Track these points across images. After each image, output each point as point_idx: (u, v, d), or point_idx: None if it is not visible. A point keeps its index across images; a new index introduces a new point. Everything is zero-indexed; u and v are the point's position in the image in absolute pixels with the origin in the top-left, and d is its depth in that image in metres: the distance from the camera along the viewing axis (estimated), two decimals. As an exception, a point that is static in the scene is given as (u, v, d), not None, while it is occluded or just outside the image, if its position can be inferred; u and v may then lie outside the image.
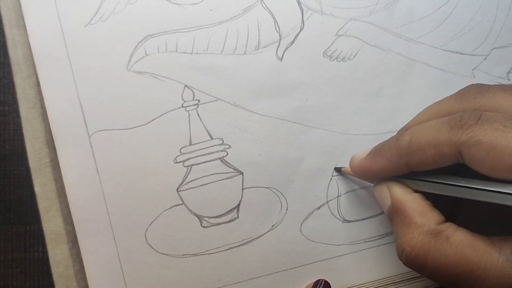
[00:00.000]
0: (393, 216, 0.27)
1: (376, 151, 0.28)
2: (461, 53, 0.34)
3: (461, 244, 0.24)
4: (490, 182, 0.23)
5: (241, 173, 0.33)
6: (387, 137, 0.33)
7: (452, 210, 0.28)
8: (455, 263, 0.24)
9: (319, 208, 0.33)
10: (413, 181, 0.27)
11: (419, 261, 0.25)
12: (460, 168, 0.24)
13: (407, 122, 0.30)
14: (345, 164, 0.33)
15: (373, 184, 0.30)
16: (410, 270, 0.33)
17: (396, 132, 0.31)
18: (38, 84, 0.32)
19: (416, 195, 0.27)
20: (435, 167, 0.25)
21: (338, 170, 0.33)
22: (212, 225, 0.33)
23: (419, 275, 0.33)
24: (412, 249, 0.25)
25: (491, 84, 0.26)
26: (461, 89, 0.27)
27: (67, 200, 0.32)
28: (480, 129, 0.23)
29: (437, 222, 0.25)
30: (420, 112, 0.28)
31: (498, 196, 0.23)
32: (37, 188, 0.32)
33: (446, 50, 0.34)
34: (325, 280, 0.32)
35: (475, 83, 0.27)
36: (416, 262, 0.25)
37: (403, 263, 0.26)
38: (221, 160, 0.33)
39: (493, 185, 0.23)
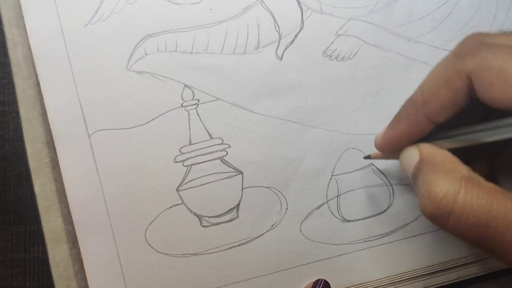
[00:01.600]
0: (421, 168, 0.26)
1: (394, 119, 0.28)
2: (461, 53, 0.35)
3: (493, 190, 0.23)
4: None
5: (241, 172, 0.33)
6: (387, 136, 0.33)
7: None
8: (487, 205, 0.22)
9: (318, 207, 0.34)
10: (441, 140, 0.26)
11: (448, 202, 0.23)
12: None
13: None
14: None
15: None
16: (410, 269, 0.33)
17: None
18: (38, 84, 0.33)
19: (446, 151, 0.26)
20: (455, 110, 0.25)
21: (367, 158, 0.33)
22: (212, 225, 0.33)
23: (418, 274, 0.34)
24: (440, 189, 0.23)
25: (490, 33, 0.26)
26: (459, 45, 0.26)
27: (67, 200, 0.32)
28: (488, 54, 0.23)
29: (468, 170, 0.24)
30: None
31: None
32: (37, 188, 0.33)
33: (446, 50, 0.35)
34: (324, 280, 0.33)
35: (474, 35, 0.26)
36: (444, 205, 0.23)
37: (428, 211, 0.24)
38: (221, 159, 0.33)
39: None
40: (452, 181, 0.23)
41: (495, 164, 0.30)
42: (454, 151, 0.26)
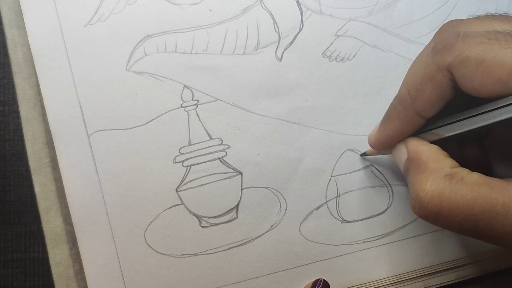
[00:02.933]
0: (409, 167, 0.27)
1: (385, 118, 0.29)
2: (460, 54, 0.35)
3: (476, 183, 0.24)
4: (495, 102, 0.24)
5: (240, 173, 0.34)
6: (386, 137, 0.33)
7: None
8: (472, 202, 0.23)
9: (318, 208, 0.34)
10: (430, 132, 0.28)
11: (434, 205, 0.24)
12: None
13: None
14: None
15: None
16: (409, 270, 0.34)
17: None
18: (38, 84, 0.33)
19: (432, 145, 0.27)
20: (443, 103, 0.26)
21: (363, 155, 0.34)
22: (211, 225, 0.34)
23: (418, 275, 0.34)
24: (426, 193, 0.25)
25: (464, 20, 0.26)
26: (436, 38, 0.27)
27: (67, 201, 0.33)
28: (464, 46, 0.24)
29: (451, 166, 0.25)
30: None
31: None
32: (37, 189, 0.33)
33: None
34: (324, 280, 0.33)
35: (448, 24, 0.27)
36: (430, 207, 0.25)
37: (417, 213, 0.26)
38: (220, 160, 0.34)
39: (499, 103, 0.23)
40: (436, 181, 0.25)
41: (486, 143, 0.31)
42: (444, 140, 0.27)
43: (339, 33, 0.35)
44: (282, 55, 0.34)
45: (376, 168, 0.35)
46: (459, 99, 0.26)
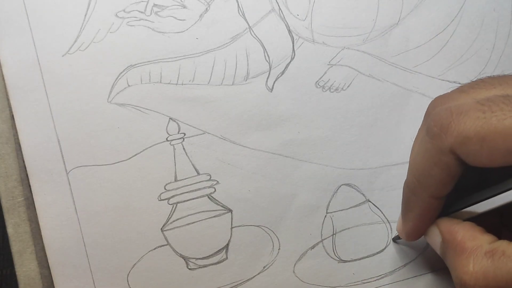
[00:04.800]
0: (446, 250, 0.27)
1: (403, 211, 0.30)
2: (459, 83, 0.35)
3: None
4: None
5: (230, 210, 0.33)
6: (383, 171, 0.34)
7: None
8: None
9: (313, 247, 0.34)
10: (461, 211, 0.28)
11: (481, 286, 0.24)
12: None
13: (404, 155, 0.32)
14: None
15: None
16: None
17: (392, 165, 0.33)
18: (12, 117, 0.32)
19: (465, 223, 0.27)
20: (456, 180, 0.26)
21: (396, 239, 0.34)
22: (199, 267, 0.33)
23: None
24: (470, 276, 0.24)
25: (449, 93, 0.27)
26: (427, 119, 0.27)
27: (42, 242, 0.32)
28: (460, 125, 0.24)
29: (489, 242, 0.25)
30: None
31: None
32: (10, 229, 0.32)
33: (443, 80, 0.35)
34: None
35: (435, 102, 0.27)
36: None
37: None
38: (208, 197, 0.33)
39: None
40: (478, 261, 0.24)
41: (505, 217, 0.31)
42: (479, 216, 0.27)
43: (333, 62, 0.35)
44: (273, 85, 0.34)
45: (373, 204, 0.34)
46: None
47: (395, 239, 0.34)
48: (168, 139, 0.33)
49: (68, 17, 0.33)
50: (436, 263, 0.34)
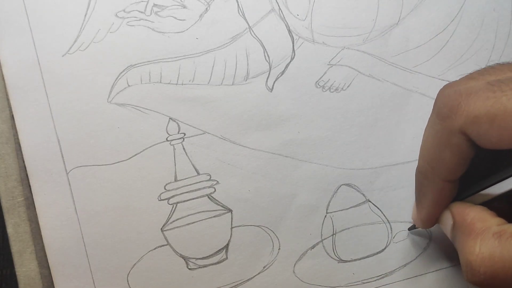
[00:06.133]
0: (456, 233, 0.27)
1: (417, 197, 0.30)
2: (459, 83, 0.35)
3: None
4: None
5: (230, 210, 0.33)
6: (383, 171, 0.34)
7: None
8: None
9: (313, 247, 0.34)
10: (475, 195, 0.28)
11: (487, 267, 0.24)
12: None
13: (404, 155, 0.32)
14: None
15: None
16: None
17: (392, 165, 0.33)
18: (12, 118, 0.33)
19: (477, 206, 0.27)
20: (468, 162, 0.26)
21: (412, 228, 0.34)
22: (199, 267, 0.33)
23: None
24: (476, 256, 0.24)
25: (458, 80, 0.27)
26: (437, 103, 0.27)
27: (42, 242, 0.32)
28: (470, 104, 0.24)
29: (498, 224, 0.25)
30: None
31: None
32: (9, 230, 0.32)
33: (443, 80, 0.36)
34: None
35: (445, 88, 0.27)
36: (484, 271, 0.24)
37: (470, 280, 0.25)
38: (208, 197, 0.33)
39: None
40: (485, 242, 0.24)
41: None
42: (492, 200, 0.27)
43: (333, 62, 0.35)
44: (273, 85, 0.34)
45: (373, 204, 0.35)
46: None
47: (410, 229, 0.34)
48: (168, 139, 0.33)
49: (68, 17, 0.33)
50: (436, 263, 0.34)
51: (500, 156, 0.26)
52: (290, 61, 0.34)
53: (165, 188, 0.33)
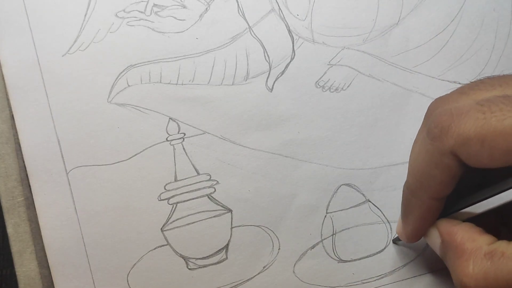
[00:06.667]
0: (445, 252, 0.27)
1: (403, 213, 0.30)
2: (459, 83, 0.36)
3: None
4: None
5: (230, 210, 0.34)
6: (383, 171, 0.34)
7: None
8: None
9: (313, 247, 0.34)
10: (460, 212, 0.28)
11: None
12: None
13: (404, 155, 0.32)
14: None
15: None
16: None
17: (392, 165, 0.33)
18: (12, 117, 0.33)
19: (464, 224, 0.27)
20: (456, 181, 0.26)
21: (397, 240, 0.34)
22: (199, 267, 0.33)
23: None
24: (470, 278, 0.25)
25: (449, 95, 0.27)
26: (428, 120, 0.27)
27: (42, 242, 0.32)
28: (461, 126, 0.24)
29: (489, 243, 0.25)
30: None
31: None
32: (9, 230, 0.32)
33: (443, 80, 0.36)
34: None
35: (435, 104, 0.27)
36: None
37: None
38: (208, 197, 0.33)
39: None
40: (477, 262, 0.25)
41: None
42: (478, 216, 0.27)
43: (333, 62, 0.35)
44: (273, 85, 0.34)
45: (373, 204, 0.35)
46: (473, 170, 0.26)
47: (395, 241, 0.34)
48: (168, 139, 0.33)
49: (68, 17, 0.33)
50: (435, 263, 0.34)
51: (487, 173, 0.26)
52: (290, 61, 0.35)
53: (165, 188, 0.33)
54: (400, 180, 0.34)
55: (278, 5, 0.34)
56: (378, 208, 0.35)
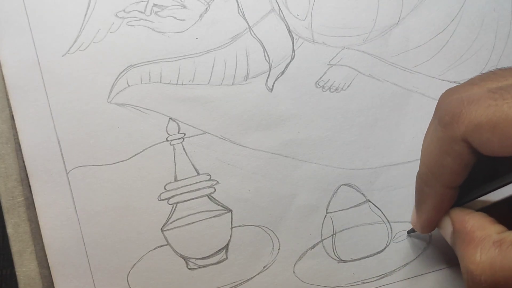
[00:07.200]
0: (456, 240, 0.27)
1: (417, 203, 0.30)
2: (459, 83, 0.35)
3: None
4: None
5: (230, 210, 0.34)
6: (383, 171, 0.34)
7: None
8: None
9: (313, 247, 0.34)
10: (475, 201, 0.28)
11: (488, 276, 0.24)
12: None
13: (404, 155, 0.32)
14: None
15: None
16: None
17: (392, 165, 0.33)
18: (12, 118, 0.33)
19: (476, 213, 0.27)
20: (469, 169, 0.26)
21: (411, 232, 0.34)
22: (199, 267, 0.33)
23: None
24: (477, 265, 0.24)
25: (461, 85, 0.27)
26: (438, 110, 0.27)
27: (42, 242, 0.32)
28: (472, 112, 0.24)
29: (498, 232, 0.25)
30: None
31: None
32: (9, 230, 0.33)
33: (443, 80, 0.36)
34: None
35: (447, 94, 0.27)
36: (484, 279, 0.24)
37: None
38: (208, 197, 0.34)
39: None
40: (485, 250, 0.25)
41: None
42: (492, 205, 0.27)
43: (333, 62, 0.35)
44: (273, 85, 0.34)
45: (373, 204, 0.35)
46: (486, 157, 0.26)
47: (409, 232, 0.34)
48: (168, 139, 0.33)
49: (68, 17, 0.33)
50: (436, 263, 0.34)
51: (500, 162, 0.26)
52: (290, 61, 0.35)
53: (165, 188, 0.33)
54: (400, 180, 0.35)
55: (278, 5, 0.35)
56: (378, 208, 0.35)
